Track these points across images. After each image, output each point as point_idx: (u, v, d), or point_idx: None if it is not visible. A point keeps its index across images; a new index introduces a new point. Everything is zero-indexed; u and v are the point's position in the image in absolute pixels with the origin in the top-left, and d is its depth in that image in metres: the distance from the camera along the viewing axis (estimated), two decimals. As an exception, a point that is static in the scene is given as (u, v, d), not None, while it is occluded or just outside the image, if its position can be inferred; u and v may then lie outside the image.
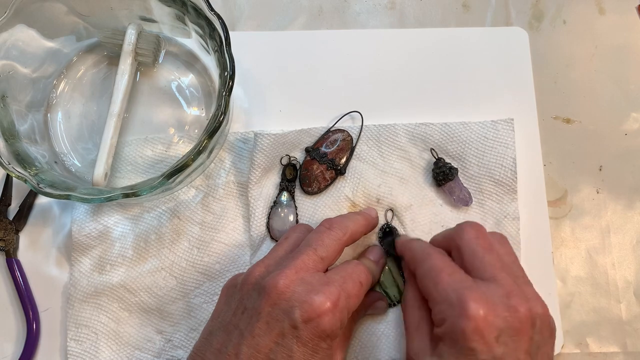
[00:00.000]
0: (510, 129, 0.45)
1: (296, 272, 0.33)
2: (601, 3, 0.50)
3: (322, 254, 0.34)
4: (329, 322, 0.31)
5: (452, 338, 0.30)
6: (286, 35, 0.48)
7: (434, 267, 0.33)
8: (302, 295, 0.31)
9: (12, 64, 0.40)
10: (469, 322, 0.30)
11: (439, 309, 0.32)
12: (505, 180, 0.44)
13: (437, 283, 0.32)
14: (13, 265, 0.43)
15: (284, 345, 0.31)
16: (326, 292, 0.31)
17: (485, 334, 0.30)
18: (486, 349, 0.30)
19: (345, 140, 0.44)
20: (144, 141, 0.44)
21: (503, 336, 0.30)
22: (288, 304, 0.31)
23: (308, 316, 0.31)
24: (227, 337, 0.32)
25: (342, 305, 0.32)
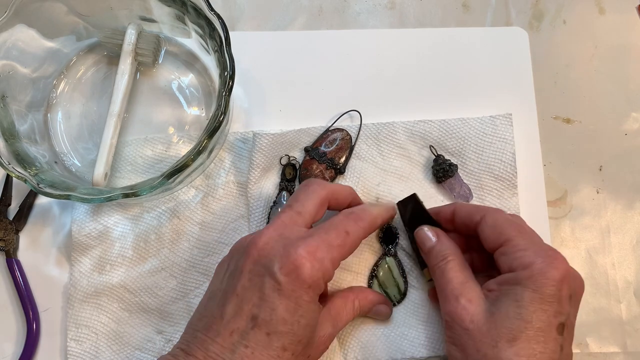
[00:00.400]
0: (509, 124, 0.45)
1: (274, 229, 0.33)
2: (601, 3, 0.50)
3: (298, 209, 0.35)
4: (308, 271, 0.31)
5: (539, 282, 0.32)
6: (286, 35, 0.48)
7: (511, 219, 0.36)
8: (280, 250, 0.32)
9: (12, 64, 0.40)
10: (559, 272, 0.33)
11: (523, 254, 0.34)
12: (505, 175, 0.44)
13: (521, 232, 0.35)
14: (13, 265, 0.43)
15: (266, 300, 0.31)
16: (303, 243, 0.32)
17: (565, 287, 0.33)
18: (563, 302, 0.33)
19: (344, 140, 0.44)
20: (144, 141, 0.44)
21: (572, 298, 0.33)
22: (267, 259, 0.32)
23: (287, 268, 0.31)
24: (212, 302, 0.33)
25: (322, 254, 0.32)
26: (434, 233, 0.39)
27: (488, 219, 0.36)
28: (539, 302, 0.32)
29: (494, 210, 0.37)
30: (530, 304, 0.32)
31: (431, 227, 0.39)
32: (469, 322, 0.34)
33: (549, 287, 0.32)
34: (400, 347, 0.40)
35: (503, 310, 0.33)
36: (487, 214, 0.37)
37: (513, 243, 0.35)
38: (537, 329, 0.32)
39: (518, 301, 0.32)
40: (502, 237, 0.35)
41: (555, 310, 0.32)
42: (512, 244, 0.35)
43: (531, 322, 0.32)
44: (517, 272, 0.33)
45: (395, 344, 0.40)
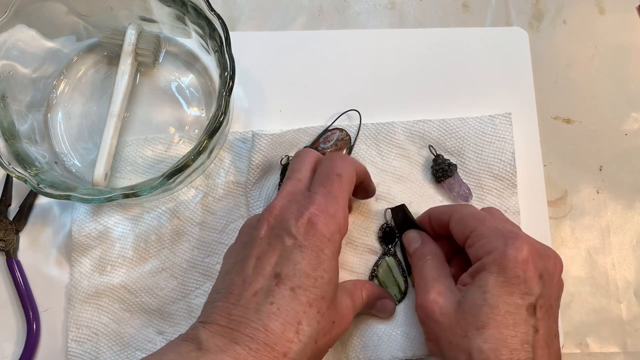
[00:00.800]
0: (508, 123, 0.45)
1: (283, 198, 0.34)
2: (601, 3, 0.50)
3: (297, 176, 0.36)
4: (325, 225, 0.32)
5: (501, 265, 0.32)
6: (286, 35, 0.48)
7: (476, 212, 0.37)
8: (295, 212, 0.33)
9: (12, 64, 0.40)
10: (520, 252, 0.32)
11: (486, 241, 0.34)
12: (505, 175, 0.44)
13: (485, 221, 0.35)
14: (13, 266, 0.43)
15: (287, 257, 0.32)
16: (313, 202, 0.33)
17: (531, 267, 0.32)
18: (530, 282, 0.32)
19: (344, 140, 0.44)
20: (144, 141, 0.44)
21: (543, 277, 0.33)
22: (284, 221, 0.33)
23: (304, 227, 0.32)
24: (228, 275, 0.33)
25: (332, 208, 0.33)
26: (418, 237, 0.40)
27: (454, 215, 0.37)
28: (503, 285, 0.32)
29: (461, 207, 0.38)
30: (494, 288, 0.32)
31: (417, 231, 0.40)
32: (438, 314, 0.34)
33: (511, 268, 0.32)
34: (402, 346, 0.40)
35: (470, 298, 0.33)
36: (454, 211, 0.37)
37: (477, 233, 0.35)
38: (504, 312, 0.31)
39: (482, 287, 0.32)
40: (467, 230, 0.35)
41: (522, 292, 0.32)
42: (475, 233, 0.35)
43: (497, 306, 0.32)
44: (482, 259, 0.34)
45: (397, 343, 0.40)
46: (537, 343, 0.31)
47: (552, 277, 0.34)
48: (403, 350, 0.40)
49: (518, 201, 0.44)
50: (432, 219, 0.40)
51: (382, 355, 0.40)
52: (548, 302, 0.33)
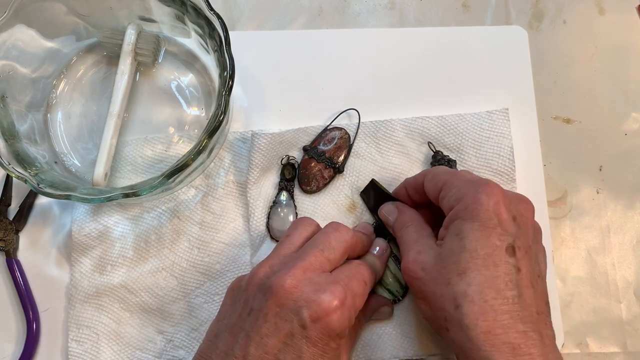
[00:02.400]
0: (506, 118, 0.45)
1: (303, 272, 0.32)
2: (601, 3, 0.50)
3: (329, 256, 0.34)
4: (338, 321, 0.31)
5: (474, 210, 0.32)
6: (286, 34, 0.48)
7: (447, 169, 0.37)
8: (310, 295, 0.31)
9: (12, 64, 0.40)
10: (491, 196, 0.33)
11: (456, 190, 0.34)
12: (504, 170, 0.44)
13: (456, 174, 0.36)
14: (13, 266, 0.43)
15: (292, 346, 0.30)
16: (334, 291, 0.31)
17: (503, 209, 0.32)
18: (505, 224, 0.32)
19: (343, 138, 0.44)
20: (144, 141, 0.44)
21: (517, 219, 0.33)
22: (296, 304, 0.31)
23: (317, 315, 0.30)
24: (233, 339, 0.32)
25: (349, 304, 0.32)
26: (394, 207, 0.40)
27: (427, 175, 0.37)
28: (478, 229, 0.32)
29: (433, 168, 0.38)
30: (470, 233, 0.32)
31: (392, 202, 0.40)
32: (420, 270, 0.34)
33: (484, 212, 0.32)
34: (403, 346, 0.40)
35: (447, 247, 0.33)
36: (427, 172, 0.38)
37: (448, 184, 0.35)
38: (484, 255, 0.31)
39: (459, 234, 0.32)
40: (439, 184, 0.36)
41: (498, 234, 0.32)
42: (446, 185, 0.35)
43: (476, 250, 0.32)
44: (454, 208, 0.34)
45: (398, 342, 0.40)
46: (521, 282, 0.31)
47: (525, 219, 0.34)
48: (403, 349, 0.40)
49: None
50: (408, 188, 0.40)
51: (382, 355, 0.40)
52: (526, 243, 0.33)
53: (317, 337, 0.31)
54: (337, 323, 0.31)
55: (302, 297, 0.31)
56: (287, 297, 0.31)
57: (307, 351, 0.30)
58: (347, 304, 0.31)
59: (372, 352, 0.40)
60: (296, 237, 0.36)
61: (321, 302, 0.31)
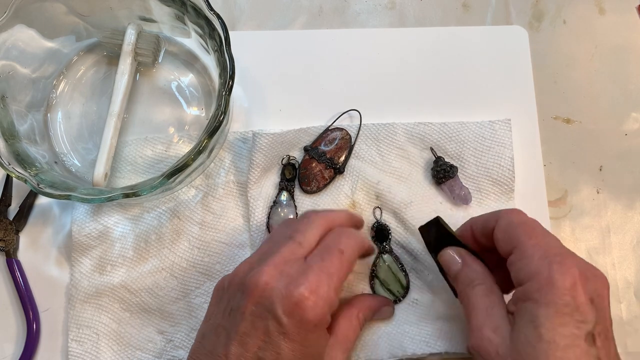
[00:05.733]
0: (508, 129, 0.45)
1: (275, 266, 0.32)
2: (601, 3, 0.50)
3: (300, 240, 0.34)
4: (313, 311, 0.31)
5: (548, 293, 0.29)
6: (286, 34, 0.48)
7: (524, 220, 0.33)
8: (282, 290, 0.31)
9: (12, 64, 0.40)
10: (567, 277, 0.29)
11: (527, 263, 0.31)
12: (503, 180, 0.44)
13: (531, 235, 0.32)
14: (13, 266, 0.43)
15: (271, 343, 0.31)
16: (304, 281, 0.31)
17: (580, 292, 0.29)
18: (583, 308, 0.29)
19: (344, 139, 0.44)
20: (144, 141, 0.44)
21: (594, 301, 0.30)
22: (269, 301, 0.31)
23: (290, 310, 0.30)
24: (217, 339, 0.32)
25: (324, 289, 0.31)
26: (458, 255, 0.36)
27: (501, 221, 0.33)
28: (555, 316, 0.29)
29: (509, 212, 0.34)
30: (546, 321, 0.29)
31: (455, 249, 0.36)
32: (494, 355, 0.31)
33: (561, 297, 0.29)
34: (402, 345, 0.40)
35: (522, 335, 0.30)
36: (500, 217, 0.34)
37: (520, 249, 0.32)
38: (563, 347, 0.29)
39: (534, 321, 0.29)
40: (511, 243, 0.32)
41: (577, 321, 0.29)
42: (519, 250, 0.32)
43: (554, 341, 0.29)
44: (524, 285, 0.31)
45: (397, 341, 0.40)
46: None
47: (602, 299, 0.30)
48: (403, 348, 0.40)
49: (515, 206, 0.44)
50: (475, 229, 0.36)
51: (382, 354, 0.40)
52: (605, 328, 0.30)
53: (295, 332, 0.30)
54: (312, 313, 0.30)
55: (274, 293, 0.31)
56: (261, 295, 0.31)
57: (286, 347, 0.30)
58: (321, 290, 0.31)
59: (372, 351, 0.40)
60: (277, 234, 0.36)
61: (291, 296, 0.30)
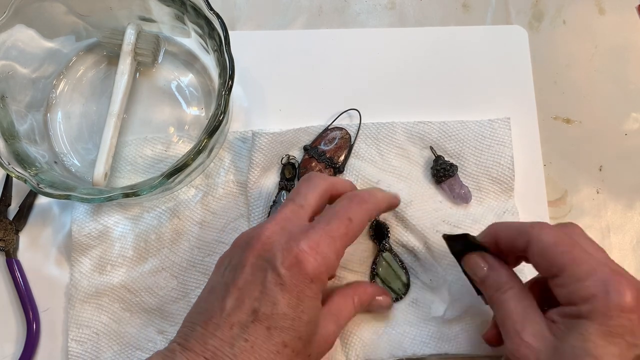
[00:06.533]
0: (507, 127, 0.45)
1: (276, 223, 0.33)
2: (601, 3, 0.50)
3: (300, 202, 0.34)
4: (311, 265, 0.31)
5: (604, 314, 0.29)
6: (286, 34, 0.48)
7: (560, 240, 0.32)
8: (283, 243, 0.32)
9: (12, 64, 0.40)
10: (624, 298, 0.29)
11: (581, 286, 0.30)
12: (503, 179, 0.44)
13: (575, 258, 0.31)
14: (13, 266, 0.43)
15: (267, 294, 0.31)
16: (305, 237, 0.32)
17: (636, 315, 0.29)
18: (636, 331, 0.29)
19: (344, 138, 0.44)
20: (144, 141, 0.44)
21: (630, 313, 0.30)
22: (270, 253, 0.31)
23: (289, 262, 0.31)
24: (213, 296, 0.32)
25: (325, 248, 0.32)
26: (484, 261, 0.35)
27: (534, 247, 0.32)
28: (607, 335, 0.29)
29: (538, 232, 0.33)
30: (598, 338, 0.29)
31: (480, 254, 0.36)
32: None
33: (616, 318, 0.29)
34: (402, 345, 0.40)
35: (569, 346, 0.30)
36: (531, 239, 0.33)
37: (568, 274, 0.31)
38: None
39: (584, 334, 0.29)
40: (554, 268, 0.32)
41: (628, 343, 0.29)
42: (566, 274, 0.31)
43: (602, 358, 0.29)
44: (578, 306, 0.30)
45: (397, 341, 0.40)
46: None
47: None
48: (403, 349, 0.40)
49: (515, 204, 0.44)
50: (500, 242, 0.35)
51: (382, 354, 0.40)
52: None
53: (292, 284, 0.31)
54: (311, 267, 0.31)
55: (276, 246, 0.32)
56: (262, 248, 0.32)
57: (282, 299, 0.31)
58: (321, 248, 0.31)
59: (371, 351, 0.40)
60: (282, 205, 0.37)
61: (292, 249, 0.31)
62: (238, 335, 0.30)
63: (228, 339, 0.30)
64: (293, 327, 0.31)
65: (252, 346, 0.30)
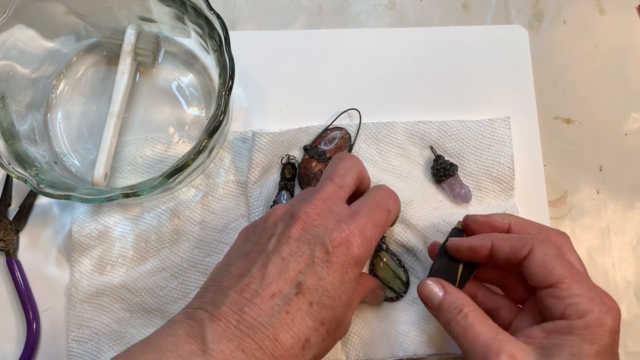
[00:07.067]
0: (507, 126, 0.45)
1: (323, 202, 0.33)
2: (601, 3, 0.50)
3: (340, 183, 0.34)
4: (359, 249, 0.31)
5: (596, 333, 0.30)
6: (286, 34, 0.48)
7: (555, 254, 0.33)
8: (333, 223, 0.32)
9: (12, 64, 0.40)
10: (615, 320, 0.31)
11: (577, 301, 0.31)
12: (503, 178, 0.44)
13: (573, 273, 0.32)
14: (13, 266, 0.43)
15: (314, 269, 0.30)
16: (354, 222, 0.32)
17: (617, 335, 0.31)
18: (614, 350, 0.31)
19: (344, 138, 0.44)
20: (144, 141, 0.44)
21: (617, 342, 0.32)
22: (319, 230, 0.31)
23: (339, 242, 0.31)
24: (249, 263, 0.31)
25: (370, 234, 0.32)
26: (440, 286, 0.35)
27: (537, 254, 0.33)
28: (596, 354, 0.30)
29: (541, 244, 0.33)
30: (588, 357, 0.30)
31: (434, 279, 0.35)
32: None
33: (605, 338, 0.30)
34: (402, 345, 0.40)
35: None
36: (534, 248, 0.33)
37: (565, 286, 0.31)
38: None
39: (575, 355, 0.30)
40: (552, 278, 0.32)
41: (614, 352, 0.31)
42: (564, 287, 0.32)
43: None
44: (571, 320, 0.31)
45: (397, 341, 0.40)
46: None
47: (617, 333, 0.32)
48: (403, 348, 0.40)
49: (515, 204, 0.44)
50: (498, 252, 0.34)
51: (382, 354, 0.40)
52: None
53: (339, 263, 0.31)
54: (357, 250, 0.31)
55: (325, 224, 0.32)
56: (311, 224, 0.32)
57: (327, 276, 0.30)
58: (367, 234, 0.32)
59: (371, 351, 0.40)
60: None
61: (342, 229, 0.31)
62: (279, 307, 0.29)
63: (268, 309, 0.29)
64: (333, 306, 0.30)
65: (292, 319, 0.29)
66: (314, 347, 0.30)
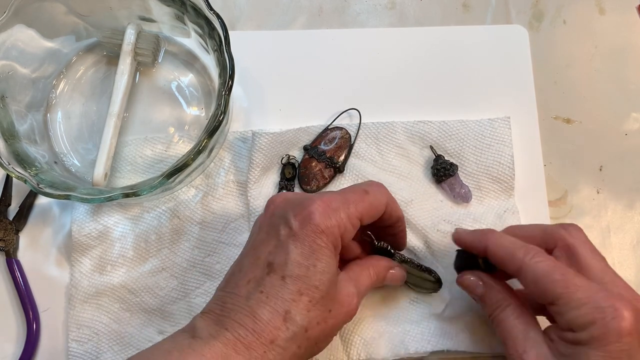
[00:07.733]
0: (507, 126, 0.45)
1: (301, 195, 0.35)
2: (601, 3, 0.50)
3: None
4: (321, 216, 0.32)
5: (603, 341, 0.30)
6: (286, 34, 0.48)
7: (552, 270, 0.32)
8: (297, 202, 0.33)
9: (12, 64, 0.40)
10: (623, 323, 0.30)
11: (578, 314, 0.31)
12: (503, 178, 0.44)
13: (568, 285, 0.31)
14: (13, 266, 0.43)
15: (281, 246, 0.32)
16: (319, 197, 0.33)
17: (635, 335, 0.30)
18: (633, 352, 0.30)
19: (344, 138, 0.44)
20: (144, 141, 0.44)
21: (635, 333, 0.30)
22: (284, 210, 0.33)
23: (301, 215, 0.32)
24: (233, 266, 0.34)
25: (337, 205, 0.33)
26: (477, 280, 0.36)
27: (527, 274, 0.33)
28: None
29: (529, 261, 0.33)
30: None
31: (474, 273, 0.37)
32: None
33: (615, 344, 0.30)
34: (403, 343, 0.40)
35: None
36: (523, 266, 0.33)
37: (563, 301, 0.31)
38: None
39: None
40: (548, 296, 0.32)
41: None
42: (562, 302, 0.32)
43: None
44: (577, 333, 0.31)
45: (398, 340, 0.40)
46: None
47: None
48: (404, 347, 0.40)
49: (515, 203, 0.44)
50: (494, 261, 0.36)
51: (383, 352, 0.40)
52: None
53: (303, 233, 0.32)
54: (319, 218, 0.32)
55: (289, 204, 0.33)
56: (277, 208, 0.34)
57: (295, 248, 0.31)
58: (332, 204, 0.33)
59: (373, 349, 0.40)
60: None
61: (304, 205, 0.33)
62: (254, 288, 0.31)
63: (244, 293, 0.31)
64: (307, 275, 0.31)
65: (267, 296, 0.31)
66: (297, 317, 0.31)
